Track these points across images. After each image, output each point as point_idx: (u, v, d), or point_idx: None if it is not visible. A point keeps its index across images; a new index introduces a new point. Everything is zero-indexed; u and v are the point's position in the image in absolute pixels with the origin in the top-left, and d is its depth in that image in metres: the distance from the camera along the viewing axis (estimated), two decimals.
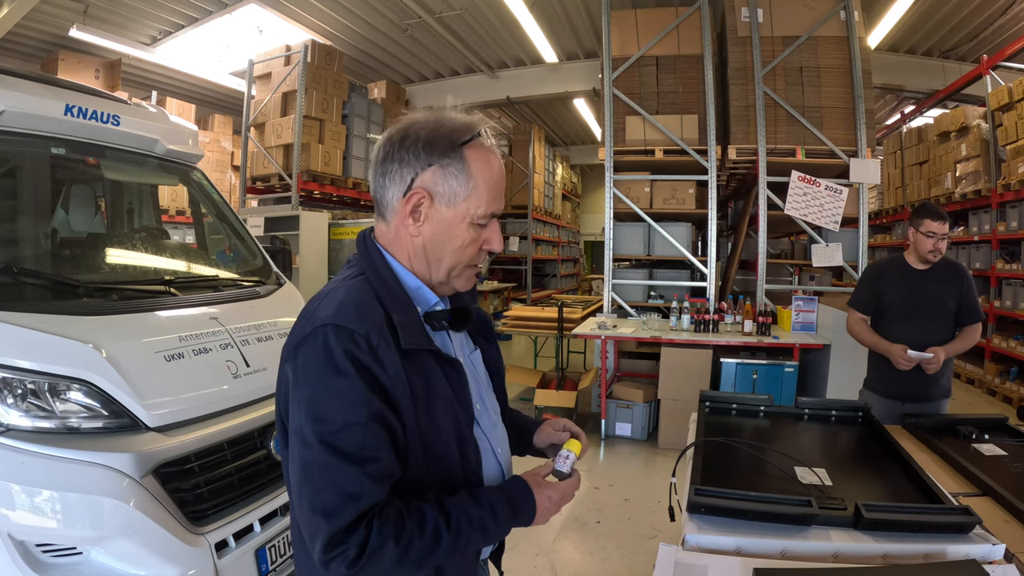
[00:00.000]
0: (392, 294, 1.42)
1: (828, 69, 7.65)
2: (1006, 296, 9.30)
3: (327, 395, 1.29)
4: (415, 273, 1.49)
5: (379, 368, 1.31)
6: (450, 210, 1.43)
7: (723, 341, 6.79)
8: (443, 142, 1.41)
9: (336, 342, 1.29)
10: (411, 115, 1.47)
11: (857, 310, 4.23)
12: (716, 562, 1.91)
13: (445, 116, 1.44)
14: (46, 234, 3.52)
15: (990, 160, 9.60)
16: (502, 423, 1.72)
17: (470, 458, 1.47)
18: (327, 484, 1.27)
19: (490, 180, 1.44)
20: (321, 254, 9.49)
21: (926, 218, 3.87)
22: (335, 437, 1.27)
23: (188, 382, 2.96)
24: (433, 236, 1.44)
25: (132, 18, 10.16)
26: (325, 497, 1.26)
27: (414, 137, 1.41)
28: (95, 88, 3.95)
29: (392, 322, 1.37)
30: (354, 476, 1.26)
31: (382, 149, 1.45)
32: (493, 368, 1.74)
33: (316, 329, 1.33)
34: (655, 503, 5.20)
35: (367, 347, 1.30)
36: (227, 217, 4.41)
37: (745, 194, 9.00)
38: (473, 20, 10.95)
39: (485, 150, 1.45)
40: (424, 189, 1.41)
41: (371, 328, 1.32)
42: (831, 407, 3.36)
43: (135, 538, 2.50)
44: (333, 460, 1.27)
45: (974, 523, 1.99)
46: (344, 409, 1.28)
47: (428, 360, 1.42)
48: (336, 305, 1.36)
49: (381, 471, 1.29)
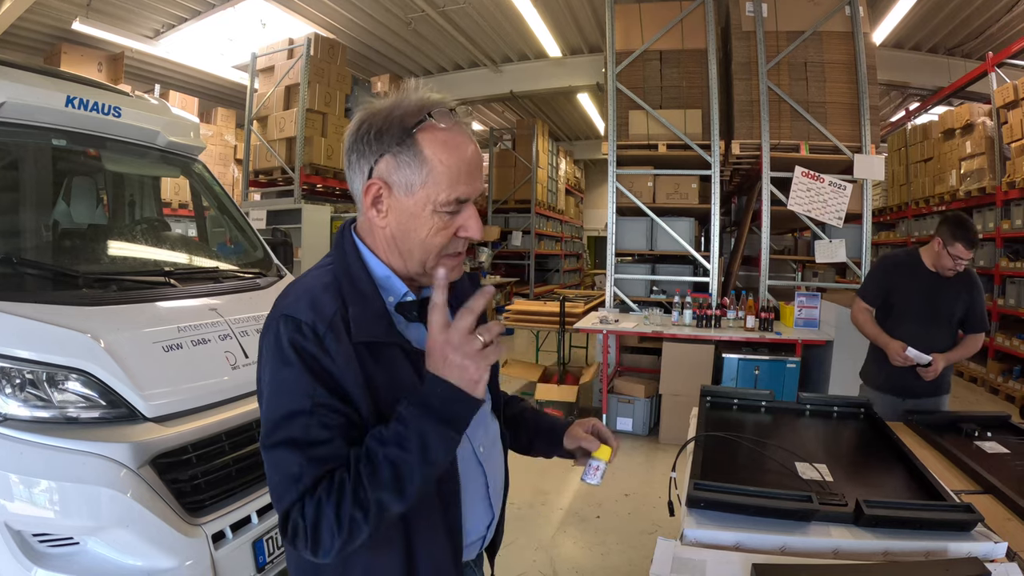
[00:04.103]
0: (353, 285, 1.39)
1: (833, 65, 7.62)
2: (1010, 294, 9.26)
3: (277, 384, 1.30)
4: (390, 264, 1.44)
5: (326, 358, 1.28)
6: (409, 199, 1.35)
7: (725, 336, 6.77)
8: (395, 128, 1.34)
9: (284, 332, 1.29)
10: (373, 102, 1.41)
11: (864, 300, 4.20)
12: (715, 557, 1.90)
13: (400, 101, 1.37)
14: (47, 225, 3.52)
15: (995, 158, 9.57)
16: (493, 418, 1.65)
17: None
18: (277, 471, 1.27)
19: (449, 163, 1.34)
20: (323, 247, 9.46)
21: (959, 243, 3.76)
22: (282, 425, 1.27)
23: (186, 373, 2.96)
24: (399, 226, 1.38)
25: (135, 11, 10.17)
26: (277, 483, 1.27)
27: (367, 126, 1.36)
28: (96, 80, 3.95)
29: (348, 315, 1.33)
30: (297, 459, 1.24)
31: (347, 140, 1.41)
32: None
33: (272, 320, 1.34)
34: (656, 498, 5.19)
35: (312, 336, 1.28)
36: (228, 209, 4.40)
37: (748, 189, 8.97)
38: (476, 14, 10.95)
39: (442, 131, 1.35)
40: (380, 179, 1.36)
41: (319, 318, 1.30)
42: (833, 403, 3.34)
43: (132, 528, 2.50)
44: (281, 448, 1.26)
45: (976, 521, 1.98)
46: (290, 398, 1.27)
47: (394, 352, 1.37)
48: (294, 296, 1.36)
49: (328, 453, 1.25)
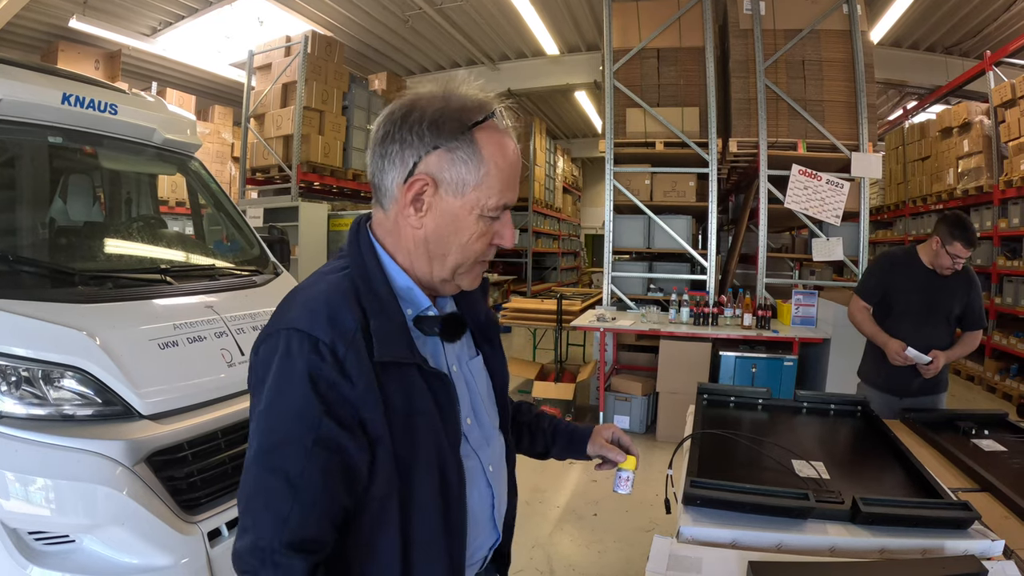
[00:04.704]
0: (375, 296, 1.27)
1: (830, 63, 7.61)
2: (1007, 293, 9.29)
3: (276, 405, 1.19)
4: (412, 270, 1.34)
5: (345, 383, 1.18)
6: (457, 200, 1.26)
7: (722, 334, 6.77)
8: (452, 122, 1.24)
9: (298, 351, 1.17)
10: (417, 90, 1.30)
11: (862, 298, 4.19)
12: (711, 554, 1.90)
13: (455, 92, 1.28)
14: (43, 223, 3.52)
15: (992, 156, 9.59)
16: (500, 436, 1.57)
17: (451, 481, 1.31)
18: (260, 497, 1.17)
19: (504, 167, 1.28)
20: (320, 245, 9.49)
21: (958, 242, 3.77)
22: (277, 452, 1.17)
23: (182, 370, 2.95)
24: (437, 229, 1.28)
25: (132, 9, 10.16)
26: (259, 507, 1.17)
27: (419, 115, 1.24)
28: (93, 77, 3.94)
29: (369, 328, 1.23)
30: (284, 497, 1.15)
31: (382, 127, 1.28)
32: (496, 376, 1.59)
33: (280, 331, 1.21)
34: (653, 496, 5.17)
35: (331, 359, 1.17)
36: (224, 207, 4.40)
37: (746, 188, 8.98)
38: (474, 11, 10.95)
39: (499, 133, 1.29)
40: (428, 175, 1.25)
41: (339, 337, 1.18)
42: (830, 401, 3.35)
43: (128, 526, 2.50)
44: (271, 476, 1.16)
45: (973, 519, 1.98)
46: (292, 425, 1.17)
47: (411, 372, 1.27)
48: (309, 305, 1.24)
49: (319, 505, 1.17)
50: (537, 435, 1.84)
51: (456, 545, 1.34)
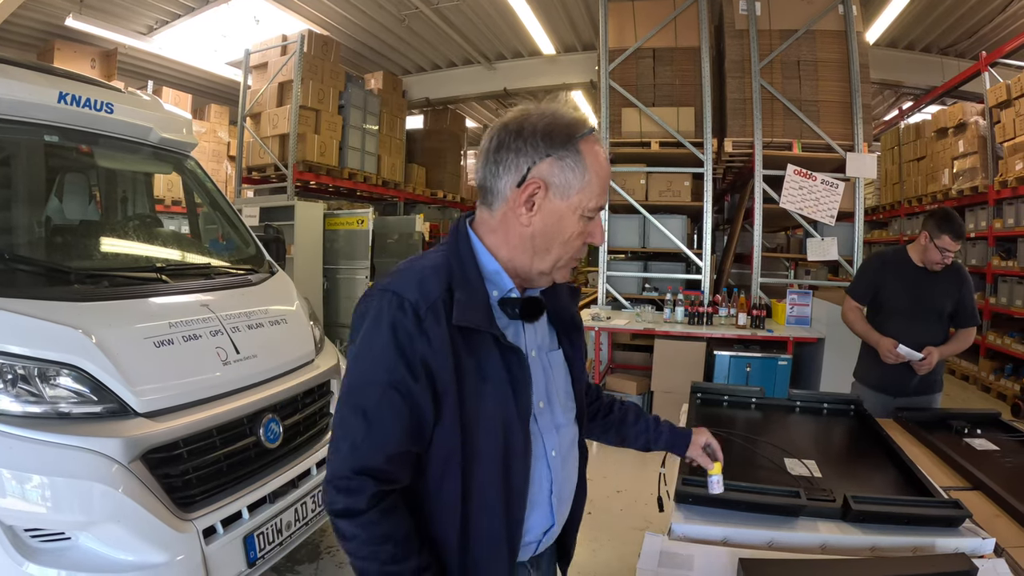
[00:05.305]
0: (464, 274, 1.47)
1: (826, 63, 7.64)
2: (1002, 293, 9.30)
3: (365, 351, 1.41)
4: (511, 262, 1.52)
5: (421, 338, 1.38)
6: (563, 202, 1.45)
7: (717, 334, 6.79)
8: (561, 134, 1.43)
9: (387, 307, 1.39)
10: (523, 107, 1.49)
11: (853, 299, 4.21)
12: (702, 552, 1.92)
13: (559, 110, 1.47)
14: (39, 221, 3.53)
15: (987, 157, 9.59)
16: (573, 428, 1.72)
17: (516, 448, 1.49)
18: (341, 429, 1.42)
19: (601, 175, 1.47)
20: (316, 244, 9.46)
21: (946, 234, 3.78)
22: (357, 391, 1.41)
23: (177, 368, 2.97)
24: (544, 226, 1.47)
25: (129, 7, 10.11)
26: (338, 438, 1.42)
27: (532, 128, 1.43)
28: (89, 76, 3.94)
29: (452, 299, 1.42)
30: (362, 430, 1.37)
31: (495, 138, 1.46)
32: (575, 372, 1.74)
33: (376, 291, 1.45)
34: (647, 495, 5.20)
35: (413, 316, 1.37)
36: (220, 205, 4.41)
37: (741, 187, 8.99)
38: (470, 11, 10.92)
39: (597, 145, 1.48)
40: (540, 179, 1.43)
41: (423, 299, 1.39)
42: (823, 400, 3.36)
43: (123, 523, 2.52)
44: (351, 413, 1.40)
45: (963, 517, 1.99)
46: (372, 367, 1.39)
47: (487, 341, 1.45)
48: (405, 274, 1.47)
49: (385, 439, 1.38)
50: (625, 426, 2.03)
51: (514, 509, 1.50)
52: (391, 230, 10.98)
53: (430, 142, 14.50)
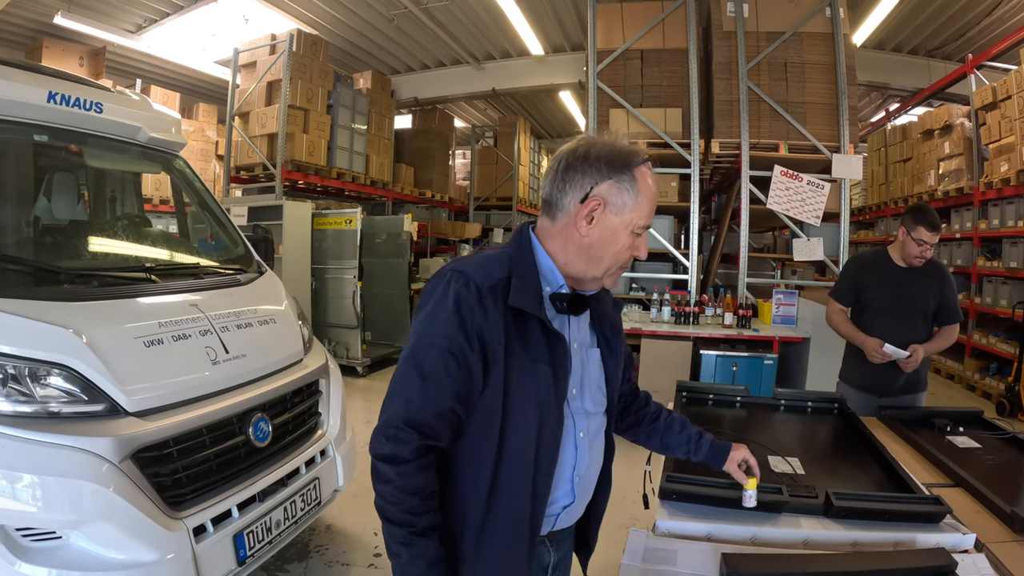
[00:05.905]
0: (522, 264, 1.67)
1: (813, 65, 7.68)
2: (986, 293, 9.39)
3: (431, 318, 1.59)
4: (566, 266, 1.71)
5: (480, 312, 1.56)
6: (618, 218, 1.65)
7: (704, 333, 6.83)
8: (620, 161, 1.63)
9: (452, 282, 1.59)
10: (588, 136, 1.72)
11: (837, 301, 4.24)
12: (686, 547, 1.94)
13: (619, 142, 1.67)
14: (28, 221, 3.51)
15: (973, 158, 9.68)
16: (602, 418, 1.88)
17: (549, 422, 1.65)
18: (400, 381, 1.60)
19: (651, 198, 1.67)
20: (304, 244, 9.43)
21: (921, 226, 3.81)
22: (418, 351, 1.58)
23: (167, 368, 2.98)
24: (600, 238, 1.66)
25: (117, 5, 10.06)
26: (395, 390, 1.60)
27: (596, 154, 1.64)
28: (78, 75, 3.94)
29: (510, 284, 1.61)
30: (418, 386, 1.56)
31: (564, 160, 1.67)
32: (608, 371, 1.88)
33: (445, 270, 1.64)
34: (634, 492, 5.17)
35: (475, 293, 1.57)
36: (209, 205, 4.40)
37: (728, 188, 9.03)
38: (459, 11, 10.92)
39: (649, 173, 1.68)
40: (601, 197, 1.63)
41: (485, 280, 1.59)
42: (807, 398, 3.40)
43: (114, 522, 2.52)
44: (411, 369, 1.58)
45: (944, 513, 2.03)
46: (433, 332, 1.57)
47: (535, 325, 1.64)
48: (472, 260, 1.68)
49: (437, 396, 1.56)
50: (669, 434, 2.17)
51: (541, 479, 1.67)
52: (379, 230, 10.94)
53: (418, 142, 14.45)
